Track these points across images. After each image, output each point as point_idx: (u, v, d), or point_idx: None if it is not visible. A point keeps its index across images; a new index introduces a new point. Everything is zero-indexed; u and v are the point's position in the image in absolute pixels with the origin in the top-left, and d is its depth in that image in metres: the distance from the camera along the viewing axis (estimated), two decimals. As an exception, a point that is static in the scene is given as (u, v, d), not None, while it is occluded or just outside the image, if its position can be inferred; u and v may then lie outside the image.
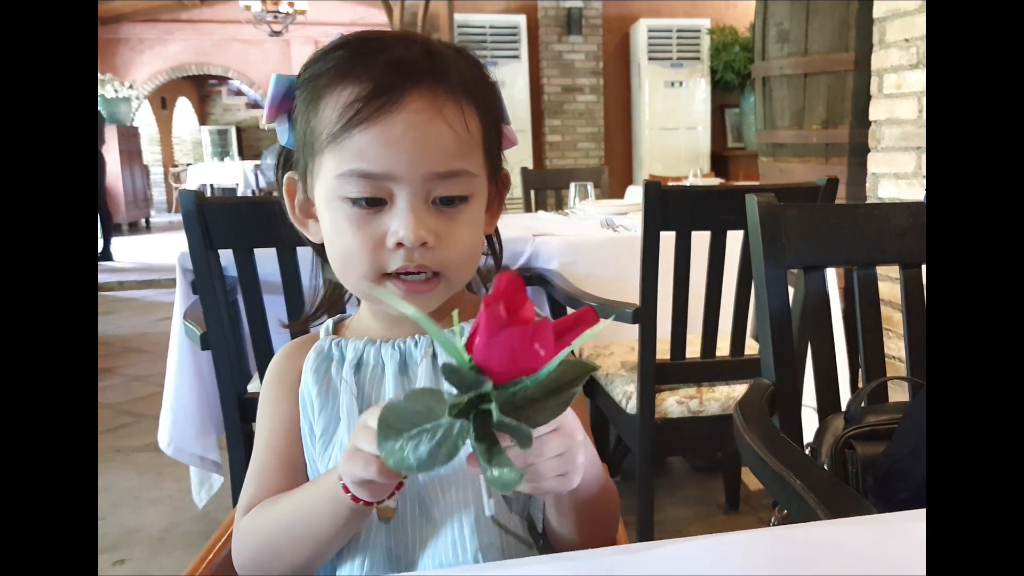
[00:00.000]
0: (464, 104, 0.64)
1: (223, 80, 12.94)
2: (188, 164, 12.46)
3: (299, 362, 0.72)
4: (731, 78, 6.63)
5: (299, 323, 0.79)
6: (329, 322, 0.76)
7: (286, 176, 0.70)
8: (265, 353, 1.45)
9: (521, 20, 6.43)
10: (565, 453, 0.54)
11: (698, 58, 6.75)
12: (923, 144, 2.27)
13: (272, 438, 0.71)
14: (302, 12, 9.23)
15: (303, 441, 0.71)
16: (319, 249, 0.73)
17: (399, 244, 0.62)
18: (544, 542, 0.70)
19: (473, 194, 0.66)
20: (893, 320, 2.15)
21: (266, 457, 0.71)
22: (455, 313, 0.51)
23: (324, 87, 0.63)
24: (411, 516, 0.67)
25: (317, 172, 0.65)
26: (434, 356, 0.70)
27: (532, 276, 1.91)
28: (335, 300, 0.78)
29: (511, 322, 0.45)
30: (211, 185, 10.64)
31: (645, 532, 1.71)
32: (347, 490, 0.58)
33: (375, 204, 0.63)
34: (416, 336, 0.70)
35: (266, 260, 1.41)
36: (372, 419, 0.51)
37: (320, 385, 0.70)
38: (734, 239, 1.59)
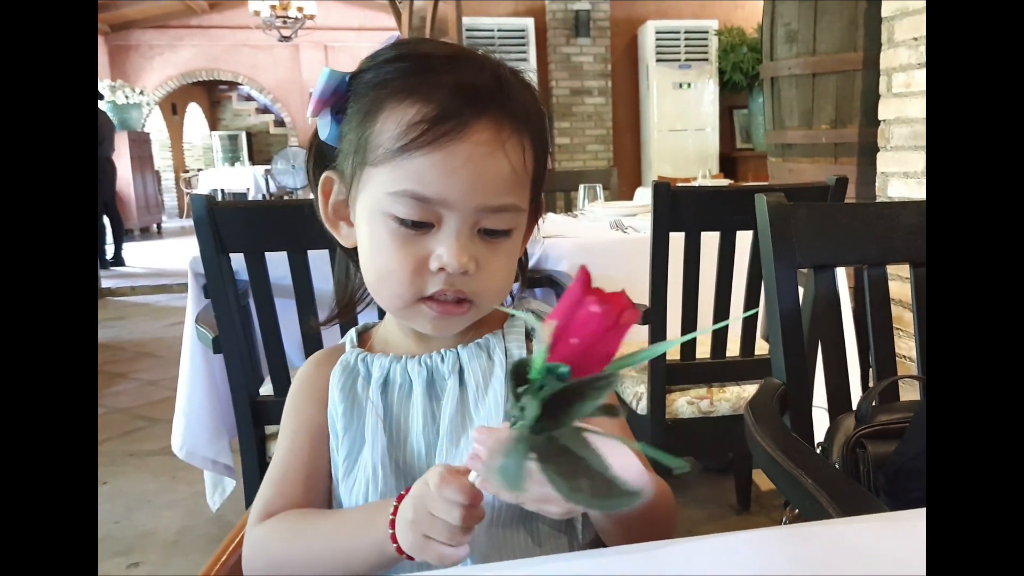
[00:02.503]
0: (524, 138, 0.64)
1: (233, 85, 13.01)
2: (199, 169, 12.55)
3: (328, 372, 0.71)
4: (739, 79, 6.60)
5: (325, 321, 0.77)
6: (353, 332, 0.75)
7: (324, 175, 0.69)
8: (277, 356, 1.46)
9: (529, 23, 6.42)
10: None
11: (706, 59, 6.73)
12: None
13: (294, 445, 0.70)
14: (311, 17, 9.26)
15: (331, 455, 0.70)
16: (348, 252, 0.72)
17: (441, 269, 0.62)
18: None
19: (516, 227, 0.66)
20: (904, 319, 2.14)
21: (286, 464, 0.70)
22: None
23: (386, 99, 0.62)
24: None
25: (365, 182, 0.64)
26: (461, 371, 0.69)
27: (542, 278, 1.91)
28: (349, 309, 0.77)
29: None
30: (222, 190, 10.70)
31: (657, 533, 1.70)
32: (397, 547, 0.58)
33: (421, 227, 0.62)
34: (443, 351, 0.70)
35: (278, 264, 1.42)
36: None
37: (346, 403, 0.69)
38: (743, 239, 1.59)
